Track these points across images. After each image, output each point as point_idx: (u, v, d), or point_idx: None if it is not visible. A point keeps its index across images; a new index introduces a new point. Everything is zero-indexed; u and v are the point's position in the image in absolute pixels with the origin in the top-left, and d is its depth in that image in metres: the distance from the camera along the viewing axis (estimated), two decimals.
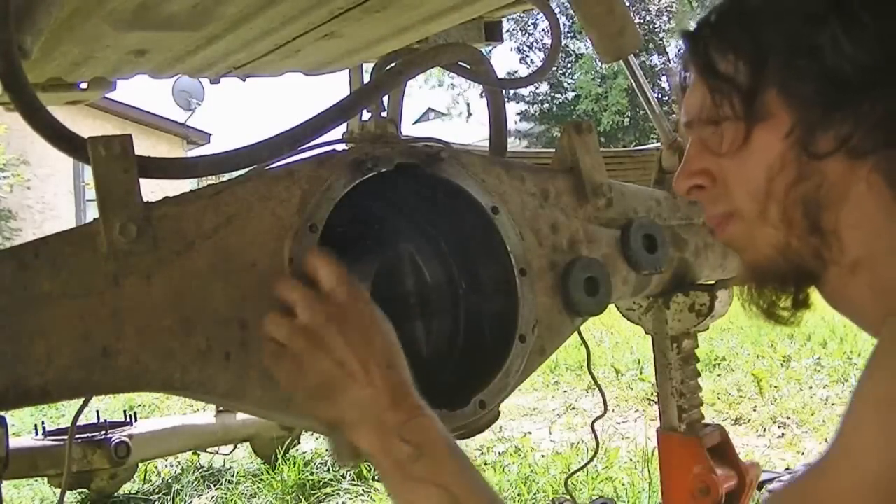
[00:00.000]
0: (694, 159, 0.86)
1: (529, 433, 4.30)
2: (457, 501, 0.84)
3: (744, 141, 0.81)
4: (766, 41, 0.79)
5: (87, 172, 1.51)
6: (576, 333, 1.38)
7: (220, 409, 3.80)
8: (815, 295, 0.85)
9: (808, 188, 0.78)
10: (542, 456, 3.91)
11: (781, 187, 0.79)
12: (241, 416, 3.76)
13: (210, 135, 15.07)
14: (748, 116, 0.80)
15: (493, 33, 2.40)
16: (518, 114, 21.91)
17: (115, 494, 3.68)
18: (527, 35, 21.83)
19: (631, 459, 3.62)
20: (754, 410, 4.32)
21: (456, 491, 0.85)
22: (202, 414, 4.14)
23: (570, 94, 21.37)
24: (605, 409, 1.77)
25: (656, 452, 1.69)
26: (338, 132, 1.26)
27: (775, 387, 4.61)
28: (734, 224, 0.85)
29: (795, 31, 0.77)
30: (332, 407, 0.93)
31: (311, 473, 3.77)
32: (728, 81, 0.81)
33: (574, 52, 20.95)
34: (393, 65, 1.39)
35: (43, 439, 3.41)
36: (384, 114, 1.31)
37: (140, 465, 3.82)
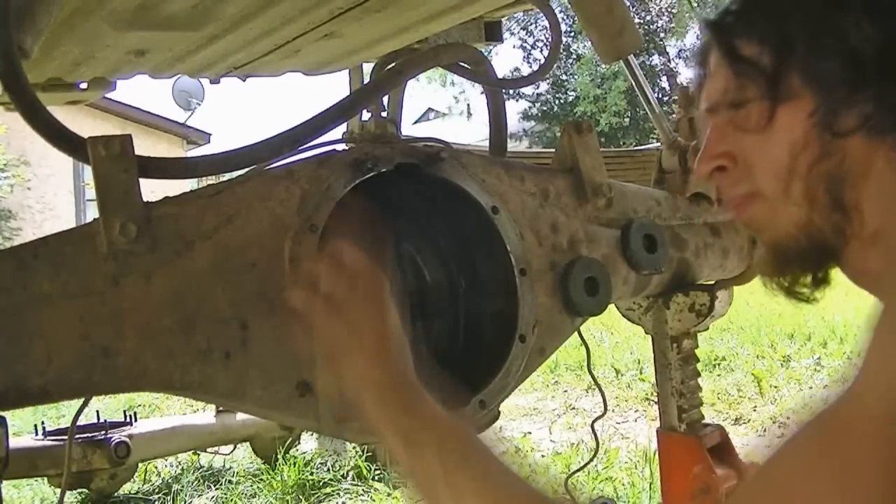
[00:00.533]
0: (715, 143, 0.88)
1: (529, 433, 4.30)
2: (466, 460, 0.85)
3: (768, 121, 0.83)
4: (789, 25, 0.81)
5: (87, 172, 1.51)
6: (576, 333, 1.38)
7: (220, 409, 3.79)
8: (828, 283, 0.87)
9: (830, 165, 0.80)
10: (542, 456, 3.90)
11: (804, 165, 0.81)
12: (241, 416, 3.76)
13: (210, 135, 15.06)
14: (772, 97, 0.82)
15: (493, 33, 2.41)
16: (519, 113, 21.89)
17: (115, 494, 3.68)
18: (528, 34, 21.83)
19: (631, 459, 3.62)
20: (754, 410, 4.32)
21: (463, 450, 0.86)
22: (202, 414, 4.14)
23: (572, 95, 21.36)
24: (605, 409, 1.77)
25: (656, 452, 1.69)
26: (338, 132, 1.26)
27: (775, 387, 4.61)
28: (756, 204, 0.86)
29: (818, 15, 0.80)
30: (335, 374, 0.95)
31: (311, 473, 3.76)
32: (752, 65, 0.83)
33: (576, 52, 20.94)
34: (393, 65, 1.39)
35: (43, 439, 3.41)
36: (384, 114, 1.31)
37: (140, 465, 3.82)
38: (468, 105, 24.61)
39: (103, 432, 3.49)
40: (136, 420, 3.72)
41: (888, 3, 0.77)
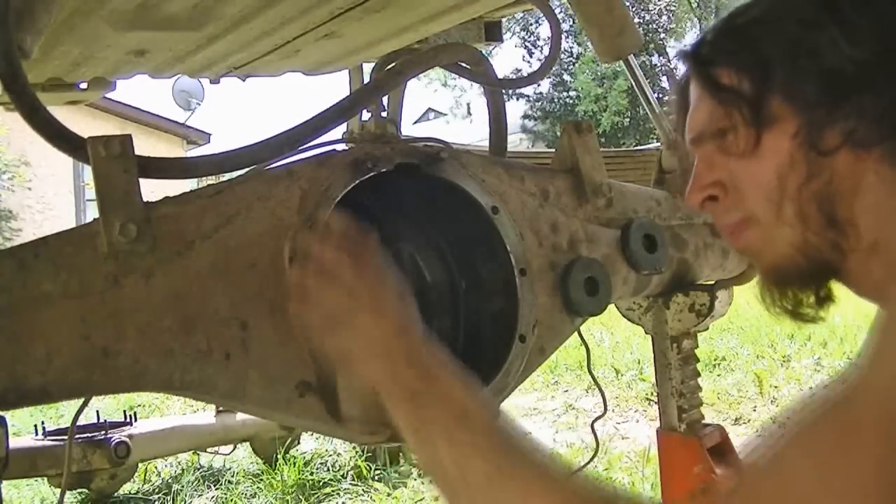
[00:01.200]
0: (704, 173, 0.89)
1: (529, 433, 4.29)
2: (468, 417, 0.84)
3: (754, 146, 0.84)
4: (765, 50, 0.83)
5: (87, 172, 1.51)
6: (576, 333, 1.38)
7: (220, 409, 3.79)
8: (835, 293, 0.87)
9: (819, 184, 0.81)
10: None
11: (794, 186, 0.82)
12: (241, 416, 3.76)
13: (210, 135, 15.05)
14: (756, 122, 0.83)
15: (493, 33, 2.40)
16: (521, 115, 21.88)
17: (115, 494, 3.68)
18: (528, 34, 21.82)
19: (631, 459, 3.62)
20: (754, 410, 4.32)
21: (468, 407, 0.85)
22: (202, 414, 4.14)
23: (573, 94, 21.34)
24: (605, 409, 1.77)
25: (656, 452, 1.69)
26: (338, 132, 1.26)
27: (775, 387, 4.61)
28: (750, 229, 0.87)
29: (793, 37, 0.81)
30: (342, 338, 0.95)
31: (311, 473, 3.76)
32: (733, 92, 0.84)
33: (576, 52, 20.93)
34: (393, 65, 1.39)
35: (43, 439, 3.40)
36: (384, 114, 1.31)
37: (140, 465, 3.82)
38: (468, 105, 24.60)
39: (103, 432, 3.49)
40: (136, 420, 3.72)
41: (861, 22, 0.79)
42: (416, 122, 27.09)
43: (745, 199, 0.86)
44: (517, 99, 21.32)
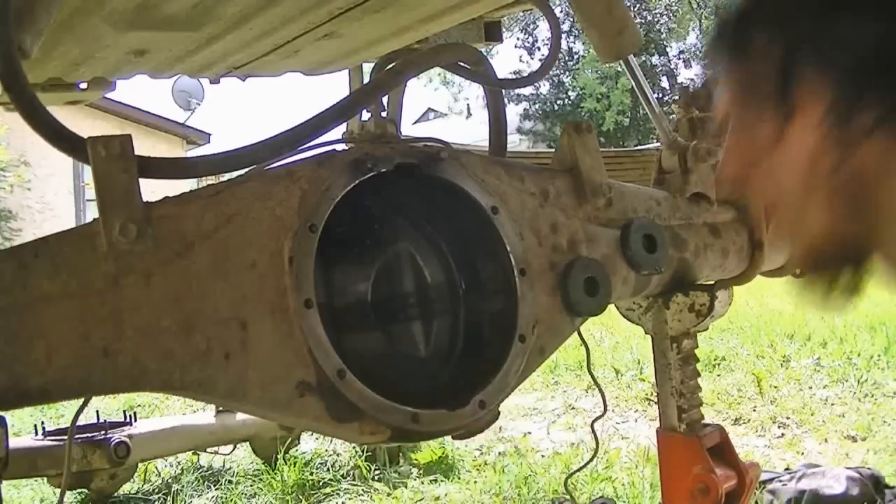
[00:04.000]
0: (733, 158, 0.89)
1: (529, 433, 4.30)
2: None
3: (781, 132, 0.83)
4: (791, 37, 0.82)
5: (87, 172, 1.51)
6: (576, 333, 1.38)
7: (220, 409, 3.79)
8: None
9: (848, 170, 0.80)
10: (542, 456, 3.90)
11: (823, 172, 0.81)
12: (241, 416, 3.76)
13: (210, 135, 15.07)
14: (782, 110, 0.82)
15: (492, 33, 2.41)
16: (520, 115, 21.86)
17: (115, 494, 3.68)
18: (527, 35, 21.80)
19: (631, 459, 3.62)
20: (754, 410, 4.32)
21: None
22: (202, 414, 4.13)
23: (573, 94, 21.32)
24: (605, 409, 1.77)
25: (656, 452, 1.68)
26: (338, 132, 1.26)
27: (775, 387, 4.61)
28: (781, 213, 0.87)
29: (819, 24, 0.80)
30: None
31: (311, 473, 3.76)
32: (760, 77, 0.84)
33: (576, 52, 20.92)
34: (393, 65, 1.39)
35: (43, 439, 3.40)
36: (384, 114, 1.31)
37: (140, 465, 3.82)
38: (468, 105, 24.59)
39: (103, 432, 3.48)
40: (136, 420, 3.72)
41: (882, 7, 0.78)
42: (415, 122, 27.10)
43: (774, 183, 0.85)
44: (517, 103, 21.31)
